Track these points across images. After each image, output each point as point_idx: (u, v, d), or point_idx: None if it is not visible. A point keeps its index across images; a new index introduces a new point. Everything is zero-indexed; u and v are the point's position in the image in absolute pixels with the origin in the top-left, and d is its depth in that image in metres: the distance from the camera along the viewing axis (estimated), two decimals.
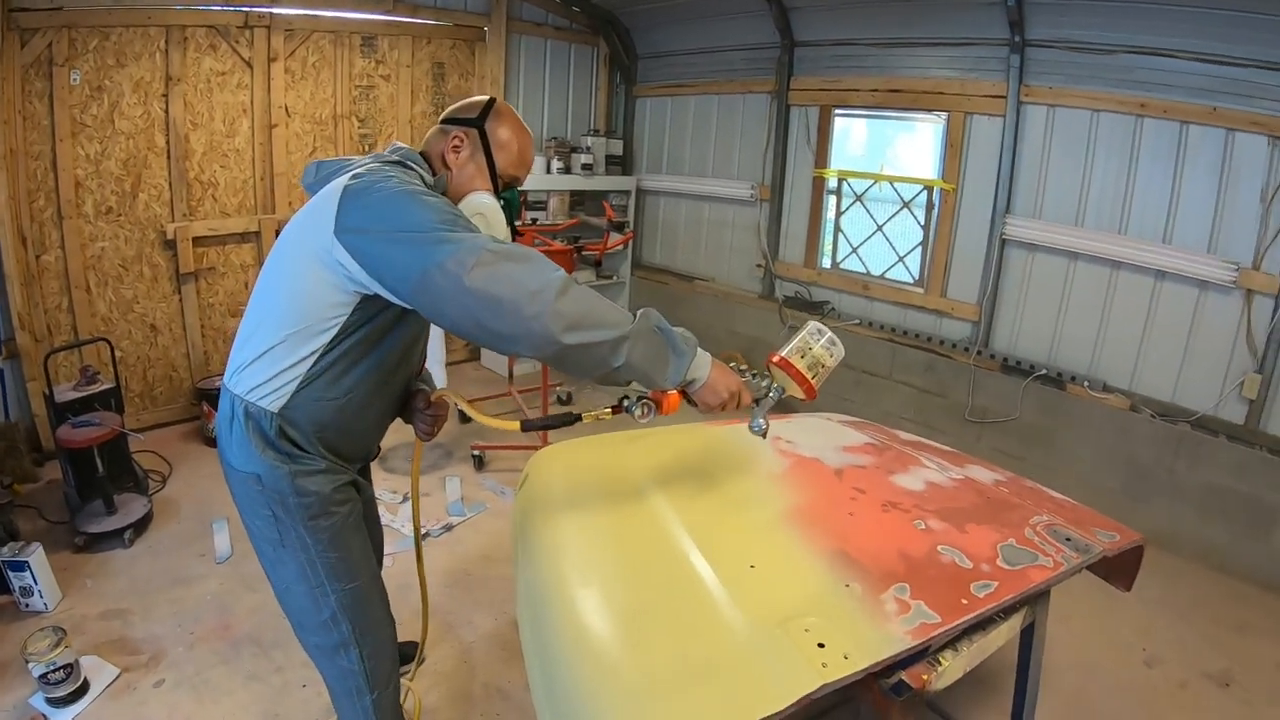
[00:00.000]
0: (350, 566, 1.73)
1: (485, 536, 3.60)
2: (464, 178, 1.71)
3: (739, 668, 1.33)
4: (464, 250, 1.34)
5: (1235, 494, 3.77)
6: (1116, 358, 4.15)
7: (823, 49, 5.10)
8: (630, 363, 1.43)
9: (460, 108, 1.76)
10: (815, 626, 1.40)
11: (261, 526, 1.67)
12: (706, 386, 1.57)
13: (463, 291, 1.32)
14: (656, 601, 1.53)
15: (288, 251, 1.59)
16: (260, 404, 1.57)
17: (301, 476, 1.61)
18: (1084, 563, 1.77)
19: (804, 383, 1.71)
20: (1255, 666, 3.10)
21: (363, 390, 1.64)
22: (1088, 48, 3.94)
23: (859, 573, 1.61)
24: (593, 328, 1.37)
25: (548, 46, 5.98)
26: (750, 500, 1.98)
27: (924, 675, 1.40)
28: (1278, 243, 3.56)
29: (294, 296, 1.53)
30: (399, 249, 1.38)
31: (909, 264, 5.03)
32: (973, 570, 1.64)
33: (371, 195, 1.45)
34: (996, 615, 1.59)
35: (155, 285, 4.36)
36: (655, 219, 6.50)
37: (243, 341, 1.62)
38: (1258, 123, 3.54)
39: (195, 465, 4.06)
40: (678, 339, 1.51)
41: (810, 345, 1.72)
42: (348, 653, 1.77)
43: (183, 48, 4.17)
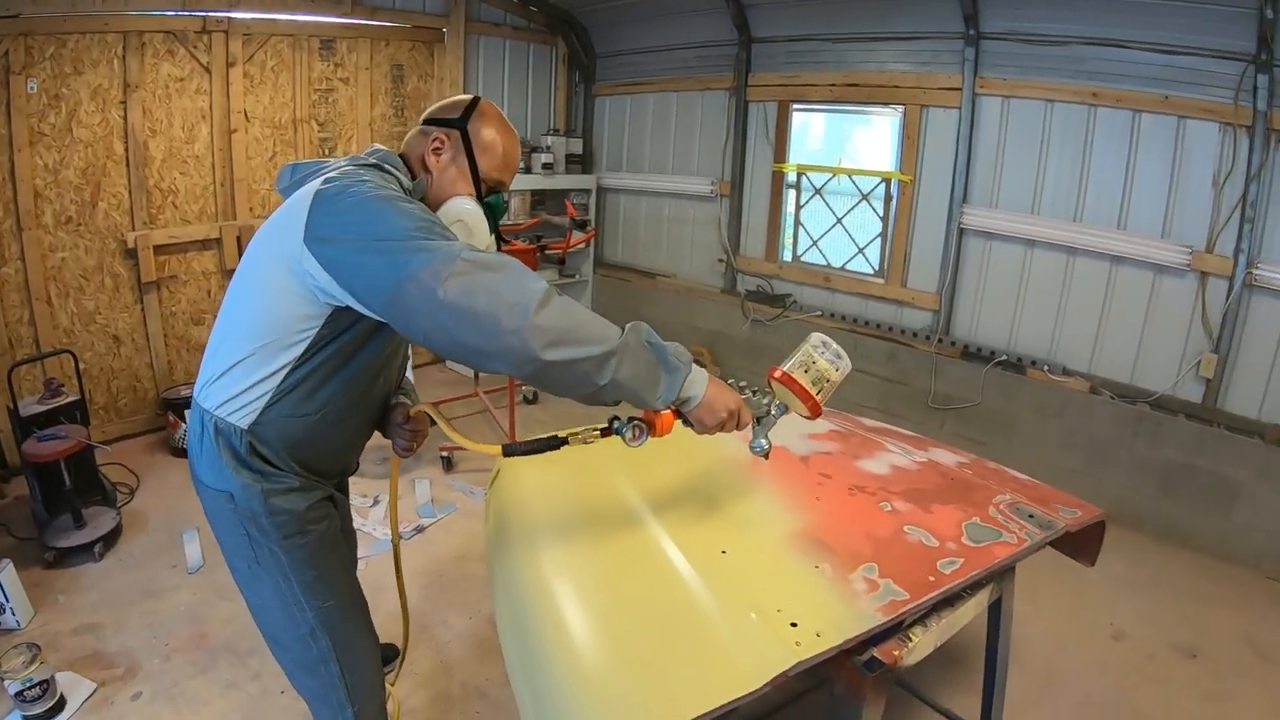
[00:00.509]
0: (327, 584, 1.67)
1: (457, 537, 3.60)
2: (445, 181, 1.62)
3: (715, 650, 1.35)
4: (438, 259, 1.25)
5: (1195, 471, 3.88)
6: (1075, 342, 4.25)
7: (780, 45, 5.16)
8: (617, 381, 1.32)
9: (442, 107, 1.67)
10: (787, 607, 1.43)
11: (235, 545, 1.61)
12: (703, 405, 1.45)
13: (436, 304, 1.23)
14: (631, 590, 1.55)
15: (257, 259, 1.51)
16: (230, 420, 1.51)
17: (275, 495, 1.55)
18: (1047, 538, 1.82)
19: (808, 399, 1.59)
20: (1220, 637, 3.19)
21: (338, 406, 1.58)
22: (1041, 39, 4.03)
23: (828, 554, 1.64)
24: (576, 343, 1.27)
25: (506, 46, 5.98)
26: (719, 489, 2.00)
27: (895, 651, 1.43)
28: (1230, 226, 3.66)
29: (262, 307, 1.46)
30: (370, 258, 1.30)
31: (869, 255, 5.11)
32: (939, 548, 1.69)
33: (343, 201, 1.37)
34: (964, 591, 1.63)
35: (117, 295, 4.30)
36: (616, 216, 6.52)
37: (211, 353, 1.55)
38: (1208, 110, 3.64)
39: (163, 476, 4.02)
40: (670, 355, 1.40)
41: (814, 359, 1.60)
42: (327, 668, 1.71)
43: (140, 54, 4.12)
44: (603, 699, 1.28)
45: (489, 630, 2.90)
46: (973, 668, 2.77)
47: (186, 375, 4.60)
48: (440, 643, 2.84)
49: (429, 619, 2.96)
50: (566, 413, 5.12)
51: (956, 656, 2.87)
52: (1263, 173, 3.54)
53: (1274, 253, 3.60)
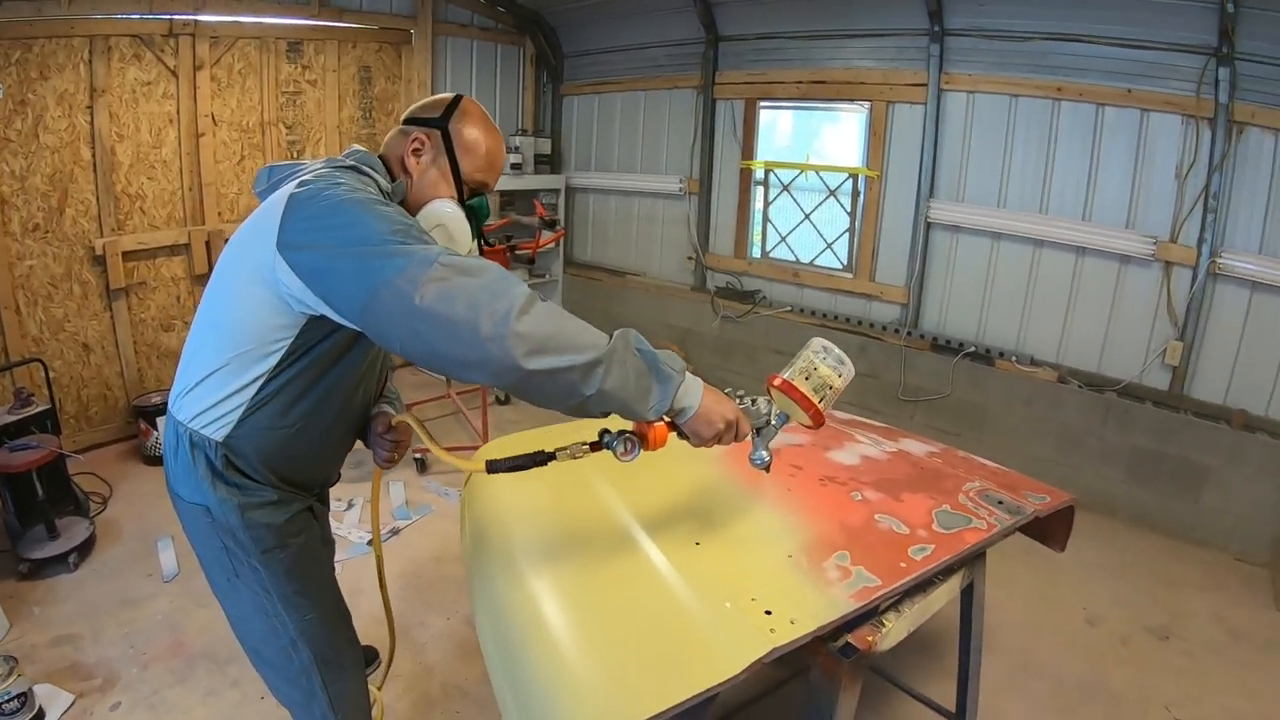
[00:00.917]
0: (308, 597, 1.64)
1: (432, 538, 3.59)
2: (425, 184, 1.55)
3: (691, 641, 1.36)
4: (415, 264, 1.18)
5: (1163, 456, 3.96)
6: (1043, 332, 4.32)
7: (747, 43, 5.19)
8: (605, 391, 1.23)
9: (422, 106, 1.62)
10: (762, 596, 1.45)
11: (213, 558, 1.57)
12: (698, 416, 1.37)
13: (413, 311, 1.16)
14: (608, 583, 1.56)
15: (229, 266, 1.45)
16: (205, 433, 1.46)
17: (252, 509, 1.51)
18: (1016, 524, 1.86)
19: (810, 407, 1.51)
20: (1192, 619, 3.26)
21: (316, 418, 1.53)
22: (1005, 35, 4.09)
23: (800, 544, 1.67)
24: (559, 351, 1.19)
25: (474, 47, 5.96)
26: (691, 482, 2.02)
27: (869, 637, 1.45)
28: (1194, 216, 3.75)
29: (235, 316, 1.41)
30: (344, 264, 1.23)
31: (837, 250, 5.16)
32: (909, 535, 1.72)
33: (317, 204, 1.31)
34: (935, 577, 1.66)
35: (86, 303, 4.24)
36: (585, 216, 6.52)
37: (185, 364, 1.50)
38: (1171, 102, 3.72)
39: (135, 484, 3.97)
40: (661, 363, 1.31)
41: (816, 365, 1.53)
42: (309, 679, 1.68)
43: (107, 58, 4.07)
44: (582, 691, 1.29)
45: (467, 630, 2.90)
46: (949, 654, 2.80)
47: (157, 382, 4.55)
48: (419, 644, 2.84)
49: (407, 620, 2.95)
50: (540, 413, 5.04)
51: (932, 643, 2.91)
52: (1225, 163, 3.63)
53: (1237, 242, 3.69)
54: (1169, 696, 2.75)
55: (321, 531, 1.75)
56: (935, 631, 2.92)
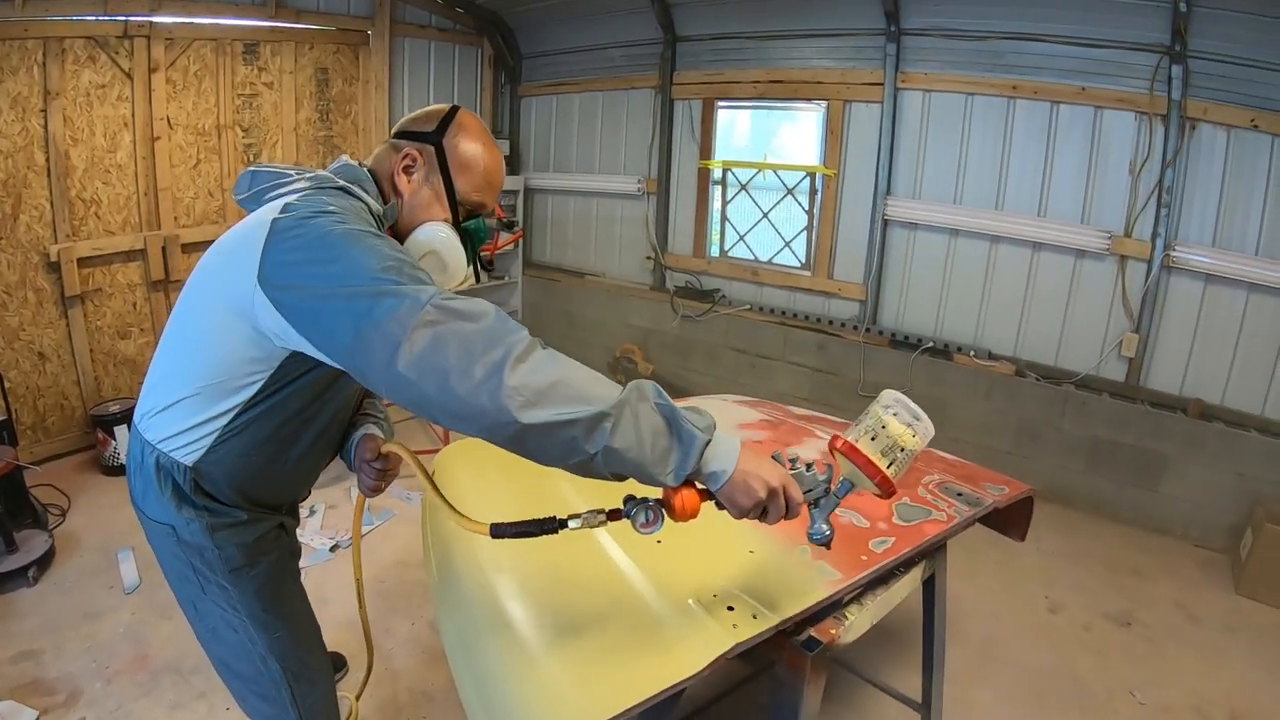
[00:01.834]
0: (278, 615, 1.59)
1: (396, 542, 3.57)
2: (417, 204, 1.44)
3: (655, 638, 1.37)
4: (406, 306, 1.08)
5: (1121, 446, 4.04)
6: (1000, 327, 4.39)
7: (704, 43, 5.21)
8: (613, 449, 1.07)
9: (415, 119, 1.49)
10: (724, 592, 1.46)
11: (181, 575, 1.53)
12: (734, 483, 1.16)
13: (400, 357, 1.06)
14: (571, 583, 1.57)
15: (204, 290, 1.36)
16: (173, 456, 1.39)
17: (221, 529, 1.46)
18: (976, 515, 1.89)
19: (877, 474, 1.25)
20: (1153, 605, 3.33)
21: (289, 446, 1.48)
22: (961, 35, 4.15)
23: (760, 540, 1.68)
24: (560, 403, 1.05)
25: (432, 48, 5.91)
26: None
27: (832, 630, 1.47)
28: (1148, 211, 3.84)
29: (208, 347, 1.32)
30: (330, 304, 1.13)
31: (795, 249, 5.20)
32: (870, 529, 1.74)
33: (301, 236, 1.20)
34: (897, 569, 1.68)
35: (41, 310, 4.15)
36: (544, 217, 6.50)
37: (154, 385, 1.42)
38: (1124, 100, 3.80)
39: (94, 496, 3.89)
40: (683, 419, 1.13)
41: (886, 422, 1.28)
42: (279, 691, 1.63)
43: (61, 60, 3.99)
44: (546, 691, 1.29)
45: (433, 636, 2.89)
46: (914, 646, 2.84)
47: (115, 391, 4.47)
48: (385, 650, 2.82)
49: (373, 627, 2.89)
50: None
51: (897, 635, 2.95)
52: (1178, 159, 3.72)
53: (1190, 235, 3.78)
54: (1132, 681, 2.81)
55: (291, 545, 1.72)
56: (900, 624, 2.96)
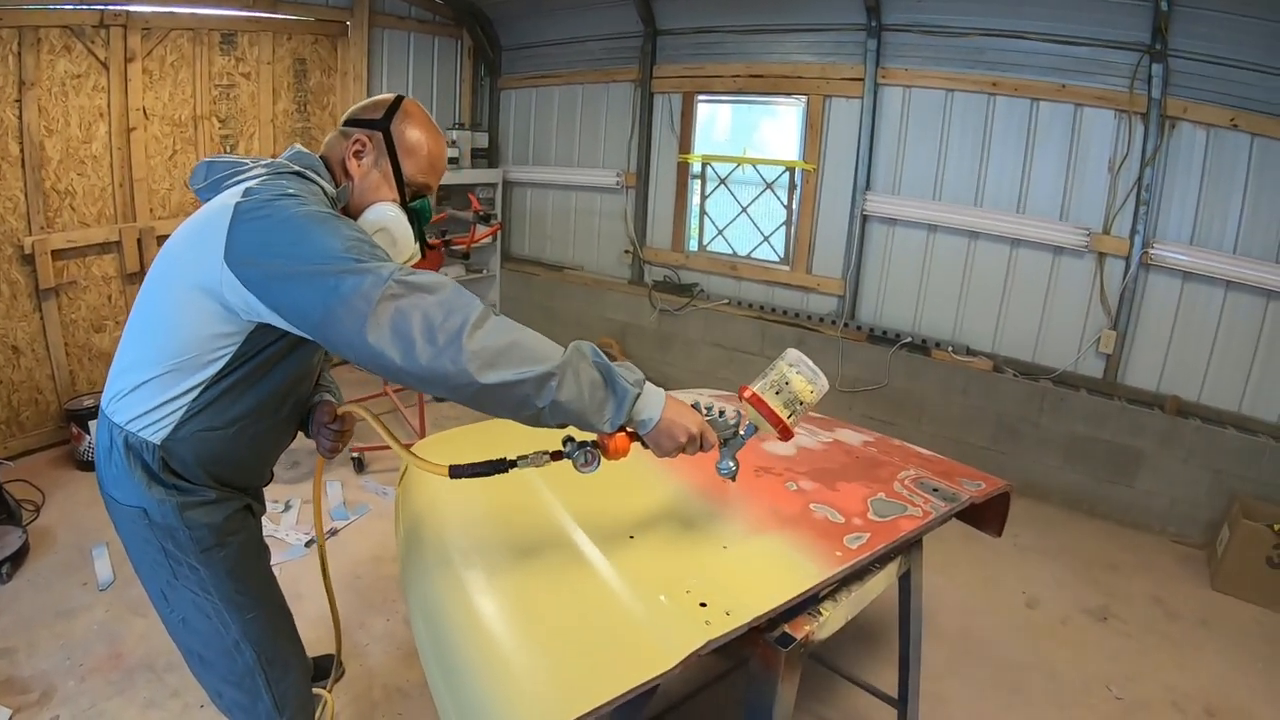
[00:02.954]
0: (250, 595, 1.63)
1: (371, 538, 3.55)
2: (367, 186, 1.55)
3: (627, 634, 1.36)
4: (370, 283, 1.20)
5: (1098, 442, 4.07)
6: (978, 322, 4.42)
7: (685, 37, 5.20)
8: (559, 402, 1.25)
9: (363, 108, 1.61)
10: (696, 588, 1.45)
11: (151, 562, 1.54)
12: (659, 428, 1.37)
13: (368, 329, 1.19)
14: (543, 578, 1.55)
15: (168, 274, 1.43)
16: (141, 435, 1.44)
17: (191, 508, 1.50)
18: (952, 510, 1.89)
19: (778, 423, 1.51)
20: (1129, 600, 3.36)
21: (254, 419, 1.53)
22: (941, 31, 4.16)
23: (735, 535, 1.68)
24: (513, 365, 1.22)
25: (411, 40, 5.87)
26: (626, 476, 1.99)
27: (807, 626, 1.47)
28: (1126, 208, 3.86)
29: (176, 327, 1.39)
30: (298, 283, 1.24)
31: (774, 243, 5.20)
32: (844, 524, 1.74)
33: (265, 219, 1.30)
34: (872, 565, 1.68)
35: (15, 303, 4.09)
36: (523, 210, 6.48)
37: (121, 369, 1.47)
38: (1104, 97, 3.82)
39: (69, 491, 3.85)
40: (618, 374, 1.32)
41: (788, 378, 1.52)
42: (253, 679, 1.67)
43: (36, 50, 3.92)
44: (518, 688, 1.28)
45: (408, 632, 2.87)
46: (890, 641, 2.84)
47: (89, 385, 4.41)
48: (360, 646, 2.80)
49: (347, 623, 2.89)
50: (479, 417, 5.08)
51: (874, 631, 2.96)
52: (1157, 157, 3.75)
53: (1169, 233, 3.81)
54: (1109, 676, 2.83)
55: (259, 530, 1.75)
56: (876, 619, 2.97)
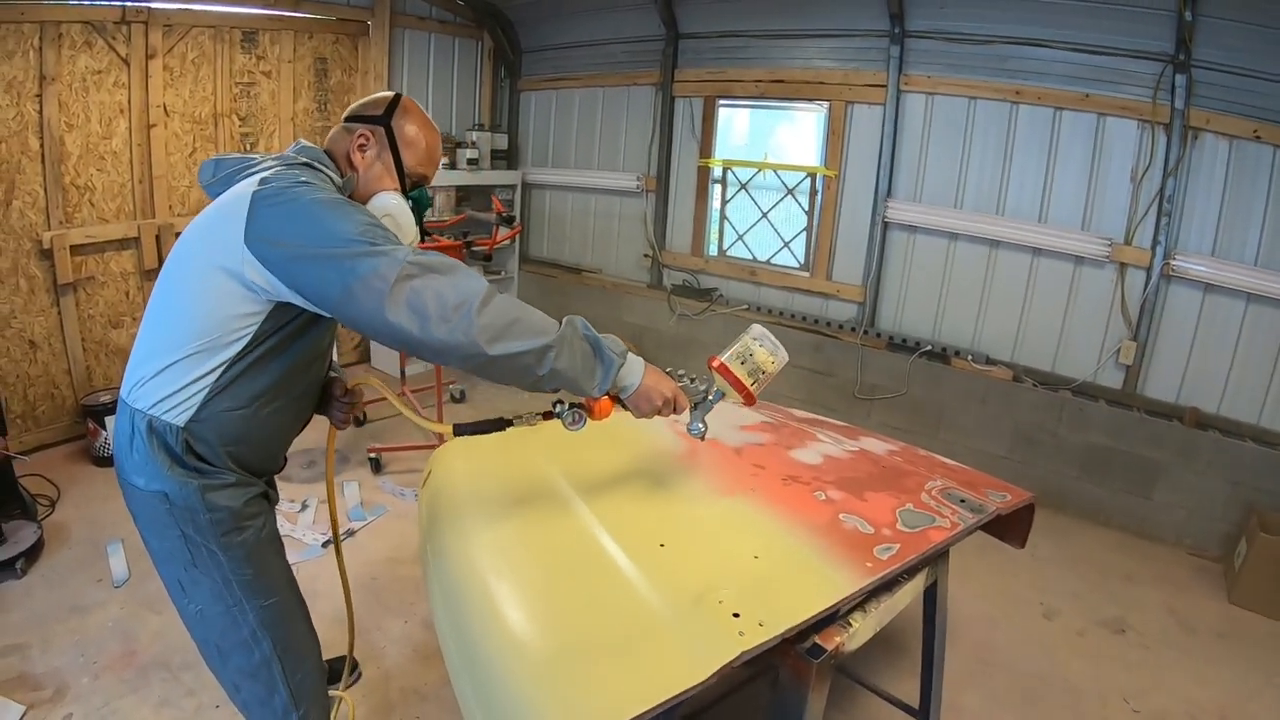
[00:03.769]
0: (268, 582, 1.68)
1: (388, 539, 3.54)
2: (371, 177, 1.67)
3: (659, 644, 1.35)
4: (386, 265, 1.33)
5: (1116, 453, 4.04)
6: (998, 332, 4.39)
7: (707, 41, 5.19)
8: (556, 370, 1.43)
9: (364, 105, 1.71)
10: (728, 598, 1.44)
11: (170, 549, 1.58)
12: (639, 393, 1.59)
13: (386, 307, 1.32)
14: (571, 585, 1.54)
15: (189, 261, 1.51)
16: (165, 418, 1.49)
17: (212, 491, 1.55)
18: (979, 522, 1.87)
19: (742, 389, 1.70)
20: (1146, 612, 3.34)
21: (271, 398, 1.59)
22: (965, 38, 4.14)
23: (764, 544, 1.66)
24: (517, 337, 1.38)
25: (432, 41, 5.89)
26: (654, 482, 2.01)
27: (837, 637, 1.46)
28: (1148, 219, 3.84)
29: (199, 309, 1.46)
30: (319, 265, 1.35)
31: (794, 249, 5.18)
32: (874, 535, 1.72)
33: (285, 205, 1.40)
34: (900, 576, 1.66)
35: (33, 298, 4.11)
36: (542, 212, 6.48)
37: (143, 357, 1.53)
38: (1127, 107, 3.79)
39: (84, 487, 3.85)
40: (605, 346, 1.52)
41: (752, 350, 1.71)
42: (269, 670, 1.70)
43: (57, 45, 3.94)
44: (548, 698, 1.27)
45: (425, 634, 2.86)
46: (909, 651, 2.84)
47: (106, 381, 4.43)
48: (377, 648, 2.79)
49: (364, 624, 2.89)
50: (492, 410, 5.07)
51: (893, 640, 2.94)
52: (1179, 168, 3.72)
53: (1190, 244, 3.78)
54: (1126, 688, 2.81)
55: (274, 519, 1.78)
56: (895, 627, 2.95)
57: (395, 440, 4.56)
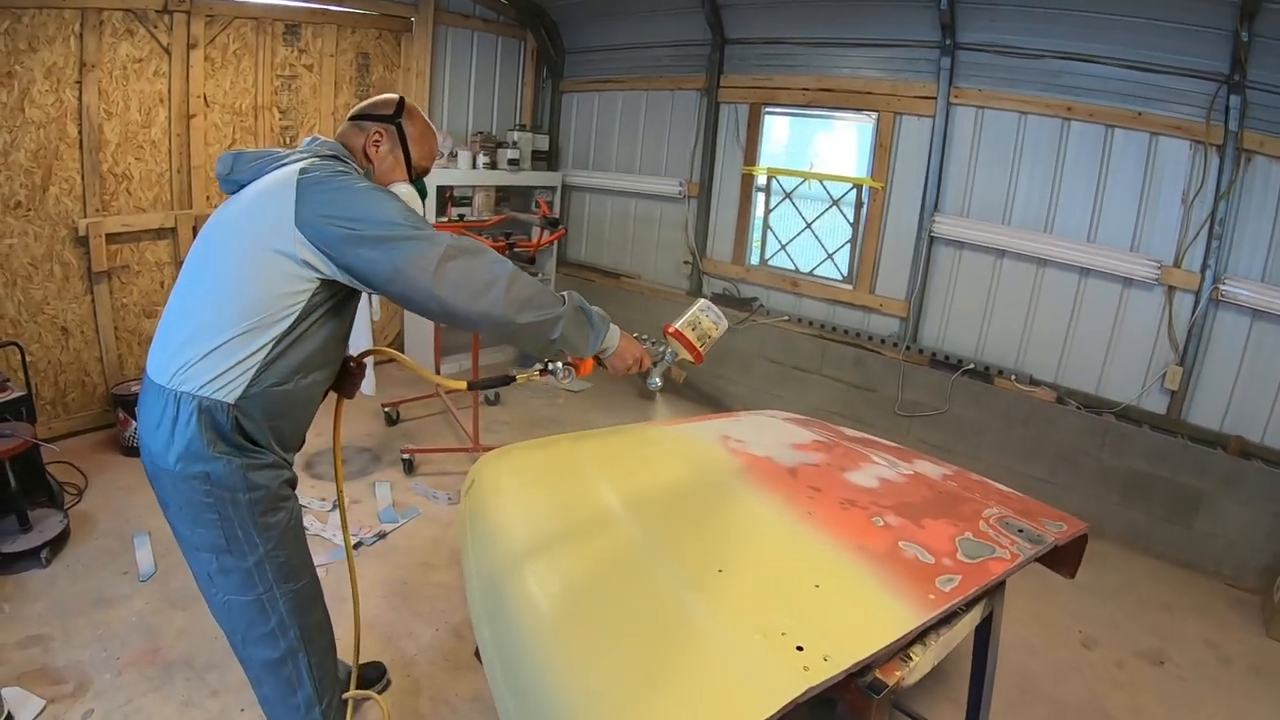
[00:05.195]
0: (298, 565, 1.79)
1: (420, 543, 3.49)
2: (384, 169, 1.87)
3: (721, 675, 1.30)
4: (431, 247, 1.53)
5: (1158, 480, 3.95)
6: (1043, 352, 4.30)
7: (754, 47, 5.14)
8: (564, 336, 1.70)
9: (374, 105, 1.91)
10: (792, 630, 1.38)
11: (204, 536, 1.65)
12: (616, 354, 1.88)
13: (433, 284, 1.52)
14: (628, 614, 1.48)
15: (232, 246, 1.63)
16: (215, 397, 1.57)
17: (253, 470, 1.64)
18: (1038, 553, 1.81)
19: (693, 350, 2.08)
20: (1185, 644, 3.26)
21: (309, 370, 1.71)
22: (1017, 52, 4.07)
23: (825, 572, 1.60)
24: (538, 309, 1.63)
25: (475, 39, 5.88)
26: (707, 502, 1.96)
27: (897, 671, 1.40)
28: (1198, 242, 3.75)
29: (248, 291, 1.57)
30: (369, 246, 1.52)
31: (838, 261, 5.11)
32: (935, 565, 1.66)
33: (332, 192, 1.57)
34: (960, 608, 1.60)
35: (66, 285, 4.10)
36: (581, 215, 6.45)
37: (185, 341, 1.59)
38: (1179, 127, 3.71)
39: (113, 476, 3.84)
40: (596, 317, 1.80)
41: (700, 319, 2.09)
42: (295, 661, 1.79)
43: (98, 32, 3.93)
44: None
45: (456, 643, 2.82)
46: (947, 677, 2.77)
47: (138, 370, 4.42)
48: (407, 656, 2.74)
49: (394, 630, 2.86)
50: (525, 416, 5.14)
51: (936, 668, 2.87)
52: (1232, 191, 3.63)
53: (1240, 269, 3.69)
54: None
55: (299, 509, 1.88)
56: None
57: (429, 441, 4.54)
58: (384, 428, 4.71)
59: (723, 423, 2.65)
